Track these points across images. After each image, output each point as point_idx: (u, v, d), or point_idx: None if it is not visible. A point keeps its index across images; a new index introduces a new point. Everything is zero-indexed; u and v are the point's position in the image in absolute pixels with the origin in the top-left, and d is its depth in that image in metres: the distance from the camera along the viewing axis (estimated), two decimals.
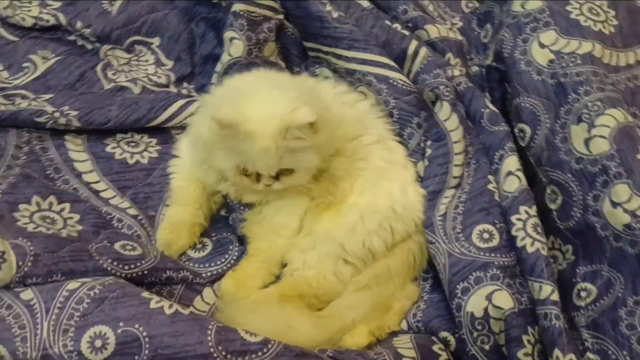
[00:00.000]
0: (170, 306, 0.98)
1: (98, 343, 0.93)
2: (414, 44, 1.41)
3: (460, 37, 1.52)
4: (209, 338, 0.95)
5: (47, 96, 1.33)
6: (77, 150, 1.28)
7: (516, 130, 1.33)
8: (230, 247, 1.23)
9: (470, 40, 1.62)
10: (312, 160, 1.13)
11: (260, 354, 0.96)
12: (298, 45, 1.52)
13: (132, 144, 1.33)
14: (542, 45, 1.35)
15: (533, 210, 1.17)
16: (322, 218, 1.22)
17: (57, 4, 1.51)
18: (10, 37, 1.46)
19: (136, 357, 0.93)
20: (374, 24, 1.45)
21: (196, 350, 0.94)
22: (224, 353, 0.95)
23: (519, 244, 1.13)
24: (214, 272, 1.19)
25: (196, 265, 1.19)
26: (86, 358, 0.93)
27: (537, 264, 1.10)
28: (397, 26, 1.46)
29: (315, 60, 1.52)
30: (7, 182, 1.14)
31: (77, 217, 1.15)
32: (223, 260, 1.20)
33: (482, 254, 1.13)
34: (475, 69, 1.56)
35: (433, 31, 1.48)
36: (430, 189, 1.27)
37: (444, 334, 1.13)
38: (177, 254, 1.19)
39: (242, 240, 1.23)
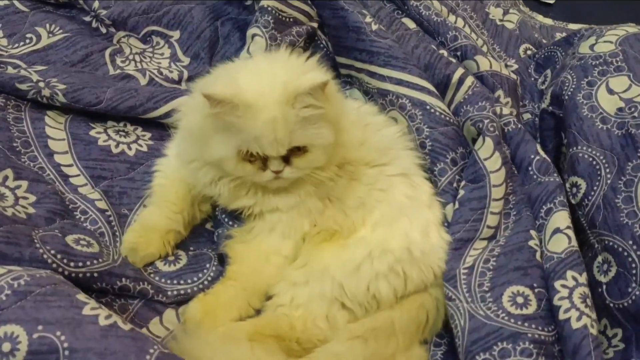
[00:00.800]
0: (108, 317, 0.77)
1: (6, 347, 0.72)
2: (459, 72, 1.23)
3: (514, 76, 1.33)
4: None
5: (39, 68, 1.18)
6: (55, 127, 1.11)
7: (568, 185, 1.12)
8: (207, 266, 1.02)
9: (525, 86, 1.44)
10: (327, 136, 0.93)
11: None
12: (329, 61, 1.35)
13: (122, 133, 1.16)
14: (610, 92, 1.15)
15: (583, 278, 0.94)
16: (322, 250, 1.01)
17: None
18: (20, 7, 1.34)
19: None
20: (417, 44, 1.28)
21: None
22: None
23: (562, 316, 0.90)
24: (182, 291, 0.98)
25: (162, 280, 0.99)
26: None
27: (582, 344, 0.86)
28: (444, 52, 1.28)
29: (346, 80, 1.35)
30: None
31: (32, 198, 0.97)
32: (196, 279, 0.99)
33: (513, 321, 0.90)
34: (527, 116, 1.37)
35: (484, 63, 1.30)
36: (457, 235, 1.05)
37: None
38: (142, 263, 0.99)
39: (223, 260, 1.02)
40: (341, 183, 1.03)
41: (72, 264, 0.87)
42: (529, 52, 1.54)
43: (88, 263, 0.88)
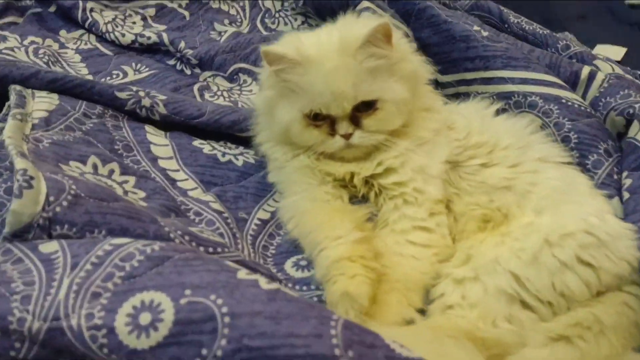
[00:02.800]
0: (270, 282, 0.58)
1: (145, 318, 0.54)
2: (587, 68, 1.12)
3: (638, 81, 1.22)
4: (333, 333, 0.53)
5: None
6: (156, 134, 0.98)
7: None
8: None
9: None
10: (399, 90, 0.84)
11: None
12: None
13: (226, 147, 1.02)
14: None
15: None
16: (482, 242, 0.83)
17: (163, 27, 1.35)
18: (104, 50, 1.28)
19: (204, 350, 0.52)
20: (531, 49, 1.19)
21: (310, 347, 0.52)
22: None
23: None
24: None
25: (297, 287, 0.80)
26: (120, 341, 0.53)
27: None
28: (562, 58, 1.18)
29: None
30: (62, 138, 0.84)
31: (142, 193, 0.82)
32: None
33: None
34: None
35: (605, 67, 1.20)
36: None
37: None
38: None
39: None
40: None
41: (201, 248, 0.69)
42: None
43: (219, 250, 0.71)
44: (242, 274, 0.59)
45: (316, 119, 0.84)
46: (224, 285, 0.56)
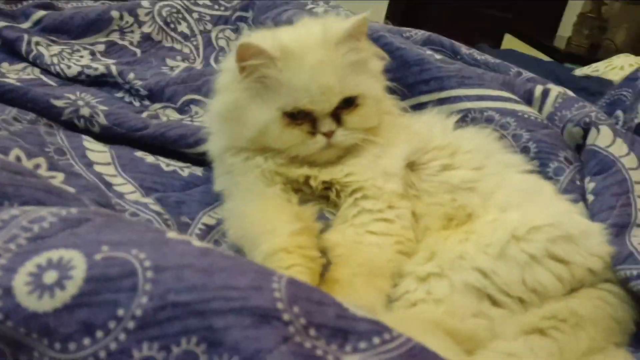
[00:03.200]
0: (203, 243, 0.51)
1: (50, 277, 0.46)
2: (540, 87, 1.11)
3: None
4: (276, 286, 0.46)
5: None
6: (94, 142, 0.91)
7: None
8: None
9: None
10: (376, 86, 0.84)
11: (376, 341, 0.45)
12: None
13: (172, 160, 0.95)
14: None
15: None
16: (446, 239, 0.78)
17: (112, 61, 1.31)
18: (47, 81, 1.22)
19: (120, 311, 0.44)
20: (484, 72, 1.18)
21: (248, 300, 0.44)
22: (303, 322, 0.45)
23: None
24: None
25: None
26: (18, 303, 0.44)
27: None
28: (516, 79, 1.18)
29: None
30: None
31: (71, 190, 0.73)
32: None
33: None
34: None
35: (558, 89, 1.19)
36: (610, 221, 0.83)
37: None
38: None
39: None
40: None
41: None
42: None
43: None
44: (172, 234, 0.51)
45: (297, 117, 0.78)
46: (151, 242, 0.48)
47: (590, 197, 0.89)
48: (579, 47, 3.28)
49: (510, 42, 3.65)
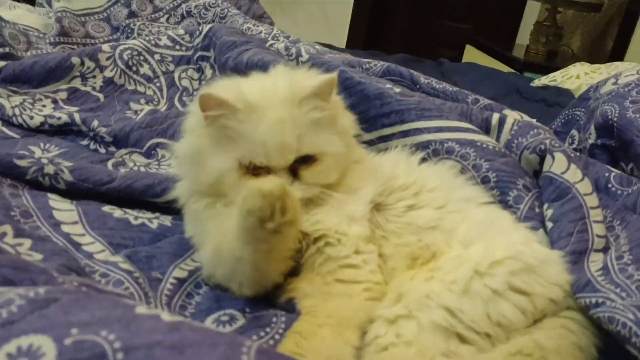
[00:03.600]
0: (173, 315, 0.52)
1: None
2: (497, 115, 1.15)
3: (547, 128, 1.26)
4: (245, 358, 0.47)
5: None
6: (60, 201, 0.91)
7: None
8: (274, 320, 0.75)
9: None
10: (339, 144, 0.83)
11: None
12: None
13: (140, 212, 0.96)
14: None
15: None
16: (412, 279, 0.80)
17: (75, 108, 1.31)
18: (9, 133, 1.22)
19: None
20: (443, 102, 1.22)
21: None
22: None
23: None
24: None
25: None
26: None
27: None
28: (473, 108, 1.22)
29: None
30: None
31: (38, 256, 0.73)
32: (263, 334, 0.72)
33: None
34: None
35: (514, 115, 1.24)
36: (568, 248, 0.87)
37: None
38: None
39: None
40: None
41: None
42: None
43: (121, 298, 0.63)
44: (142, 309, 0.52)
45: (254, 169, 0.80)
46: (119, 319, 0.49)
47: (549, 224, 0.92)
48: (537, 55, 3.37)
49: (470, 53, 3.75)
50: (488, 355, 0.71)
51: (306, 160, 0.81)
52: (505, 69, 3.11)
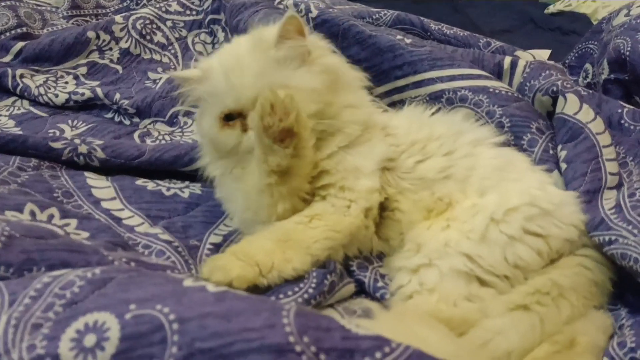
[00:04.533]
0: (217, 286, 0.57)
1: (89, 340, 0.52)
2: (508, 58, 1.16)
3: (559, 66, 1.27)
4: (286, 321, 0.53)
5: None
6: (97, 179, 0.97)
7: None
8: (307, 276, 0.80)
9: None
10: (308, 78, 0.85)
11: (378, 355, 0.52)
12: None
13: (171, 182, 1.01)
14: None
15: None
16: (429, 229, 0.85)
17: (96, 83, 1.35)
18: (38, 112, 1.27)
19: None
20: (454, 49, 1.23)
21: (264, 339, 0.51)
22: (313, 349, 0.52)
23: None
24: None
25: None
26: None
27: None
28: (484, 53, 1.23)
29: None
30: None
31: (85, 234, 0.80)
32: (297, 289, 0.78)
33: None
34: None
35: (526, 57, 1.25)
36: (582, 189, 0.90)
37: None
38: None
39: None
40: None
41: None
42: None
43: (168, 272, 0.69)
44: (189, 282, 0.57)
45: (229, 119, 0.85)
46: (171, 294, 0.55)
47: (563, 165, 0.95)
48: None
49: None
50: (508, 297, 0.76)
51: None
52: None
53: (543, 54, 1.81)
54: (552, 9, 2.60)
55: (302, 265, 0.79)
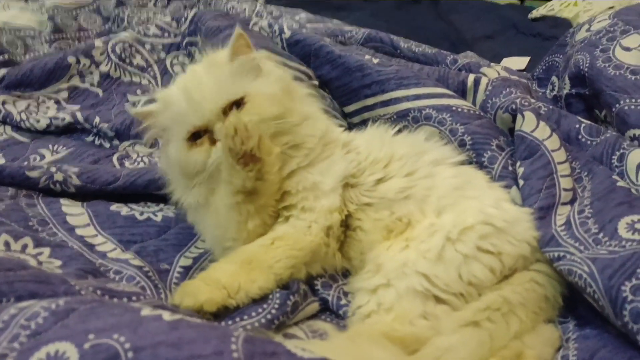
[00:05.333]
0: (173, 314, 0.61)
1: None
2: (472, 76, 1.21)
3: (524, 80, 1.31)
4: (234, 347, 0.56)
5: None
6: (72, 206, 1.01)
7: (626, 143, 1.03)
8: (270, 297, 0.84)
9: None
10: (265, 85, 0.91)
11: None
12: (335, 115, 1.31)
13: (144, 206, 1.05)
14: (627, 49, 1.15)
15: None
16: (388, 249, 0.88)
17: (77, 107, 1.39)
18: (20, 138, 1.31)
19: None
20: (420, 68, 1.28)
21: None
22: None
23: None
24: (248, 326, 0.80)
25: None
26: None
27: None
28: (450, 71, 1.27)
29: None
30: None
31: (57, 262, 0.84)
32: (260, 310, 0.82)
33: None
34: None
35: (491, 73, 1.29)
36: (537, 205, 0.93)
37: None
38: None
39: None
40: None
41: (115, 299, 0.72)
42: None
43: (134, 298, 0.73)
44: (146, 311, 0.61)
45: (196, 138, 0.89)
46: (128, 324, 0.58)
47: (521, 182, 0.99)
48: None
49: None
50: (460, 314, 0.79)
51: (238, 106, 0.88)
52: (504, 1, 3.06)
53: (521, 62, 1.85)
54: (535, 13, 2.63)
55: (267, 284, 0.84)
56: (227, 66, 0.90)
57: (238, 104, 0.88)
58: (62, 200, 1.02)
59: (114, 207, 1.03)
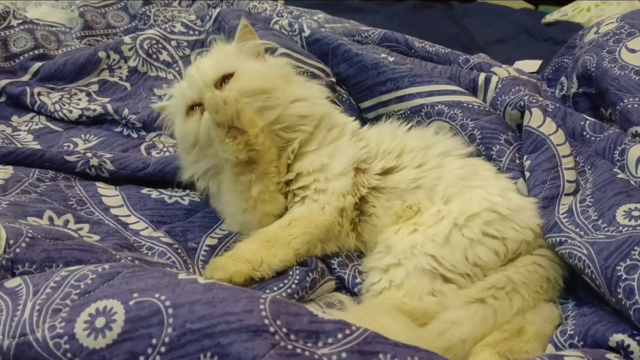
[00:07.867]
0: (206, 279, 0.68)
1: (100, 322, 0.63)
2: (483, 74, 1.27)
3: (534, 80, 1.37)
4: (262, 307, 0.63)
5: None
6: (106, 188, 1.08)
7: (628, 139, 1.08)
8: (290, 273, 0.91)
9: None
10: (255, 65, 1.02)
11: (339, 336, 0.63)
12: (353, 113, 1.37)
13: (173, 191, 1.13)
14: (632, 51, 1.21)
15: None
16: (399, 233, 0.95)
17: (106, 99, 1.47)
18: (54, 127, 1.39)
19: (154, 340, 0.61)
20: (434, 66, 1.34)
21: (243, 321, 0.62)
22: (285, 330, 0.62)
23: None
24: None
25: None
26: (81, 344, 0.61)
27: None
28: (462, 70, 1.33)
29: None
30: (19, 199, 0.94)
31: (96, 237, 0.91)
32: (281, 285, 0.88)
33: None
34: None
35: (502, 72, 1.35)
36: (542, 195, 0.99)
37: (616, 337, 0.74)
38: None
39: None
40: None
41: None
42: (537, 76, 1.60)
43: (167, 268, 0.80)
44: (183, 275, 0.68)
45: (191, 110, 0.98)
46: (167, 285, 0.66)
47: (527, 174, 1.05)
48: None
49: None
50: (467, 291, 0.86)
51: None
52: (519, 4, 3.11)
53: (533, 65, 1.91)
54: (549, 18, 2.68)
55: (287, 257, 0.92)
56: (230, 48, 1.03)
57: (227, 77, 0.98)
58: (98, 183, 1.09)
59: (145, 190, 1.10)
